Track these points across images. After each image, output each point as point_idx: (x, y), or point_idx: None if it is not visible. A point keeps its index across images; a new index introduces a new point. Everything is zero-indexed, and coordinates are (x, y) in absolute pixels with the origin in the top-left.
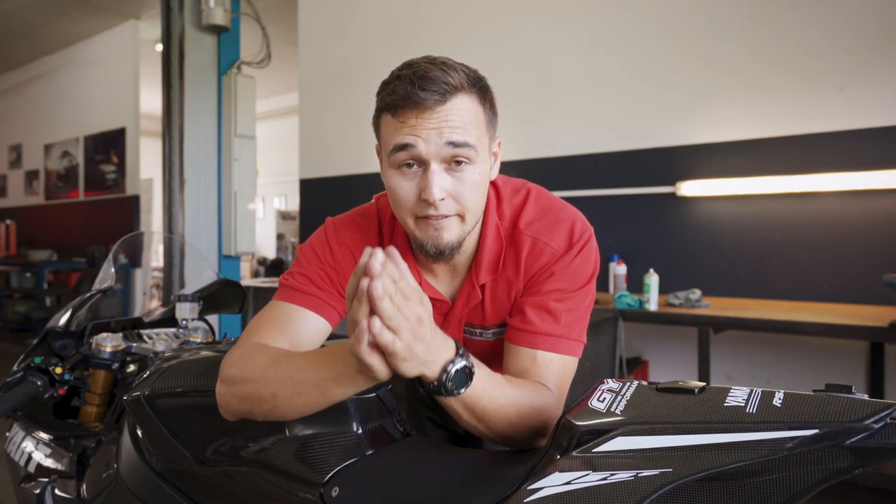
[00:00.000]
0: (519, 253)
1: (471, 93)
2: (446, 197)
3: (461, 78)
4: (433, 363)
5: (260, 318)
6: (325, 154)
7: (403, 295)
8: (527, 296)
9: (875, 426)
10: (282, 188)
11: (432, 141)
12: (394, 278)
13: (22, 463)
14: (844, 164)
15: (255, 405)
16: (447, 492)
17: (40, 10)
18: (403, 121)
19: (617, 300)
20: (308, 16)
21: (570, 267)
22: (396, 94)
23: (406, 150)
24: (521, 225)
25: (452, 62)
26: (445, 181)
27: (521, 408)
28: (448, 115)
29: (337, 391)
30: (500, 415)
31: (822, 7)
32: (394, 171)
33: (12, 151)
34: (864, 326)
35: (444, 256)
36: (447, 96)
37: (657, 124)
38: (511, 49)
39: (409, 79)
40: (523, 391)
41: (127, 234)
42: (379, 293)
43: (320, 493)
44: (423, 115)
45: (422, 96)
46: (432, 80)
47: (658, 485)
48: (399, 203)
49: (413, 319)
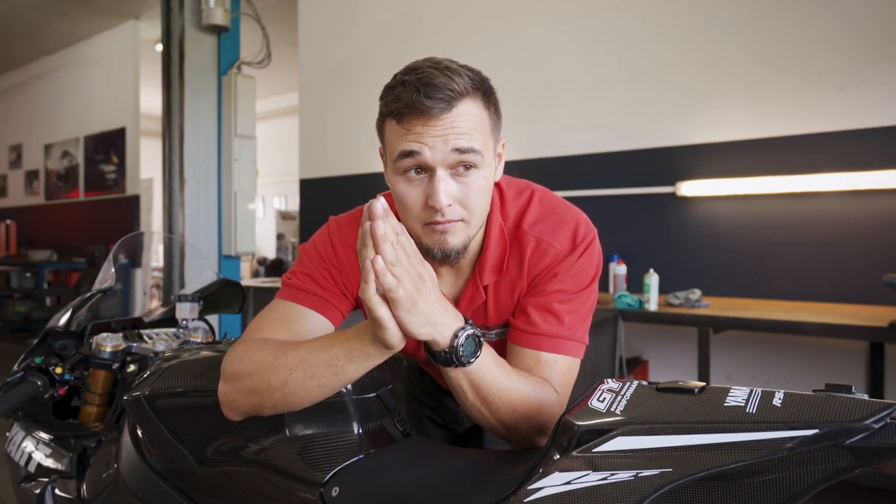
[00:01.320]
0: (523, 253)
1: (475, 97)
2: (453, 203)
3: (466, 83)
4: (443, 326)
5: (262, 317)
6: (325, 154)
7: (404, 248)
8: (530, 296)
9: (875, 426)
10: (282, 188)
11: (438, 148)
12: (396, 230)
13: (22, 463)
14: (844, 164)
15: (264, 396)
16: (447, 491)
17: (40, 10)
18: (409, 128)
19: (617, 300)
20: (308, 16)
21: (574, 268)
22: (401, 102)
23: (412, 157)
24: (524, 225)
25: (456, 65)
26: (451, 187)
27: (524, 396)
28: (454, 121)
29: (350, 368)
30: (504, 399)
31: (822, 7)
32: (399, 178)
33: (12, 151)
34: (864, 326)
35: (450, 260)
36: (453, 103)
37: (657, 124)
38: (511, 49)
39: (413, 86)
40: (528, 381)
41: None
42: (381, 233)
43: (320, 493)
44: (429, 122)
45: (427, 104)
46: (437, 88)
47: (658, 485)
48: (406, 209)
49: (414, 274)
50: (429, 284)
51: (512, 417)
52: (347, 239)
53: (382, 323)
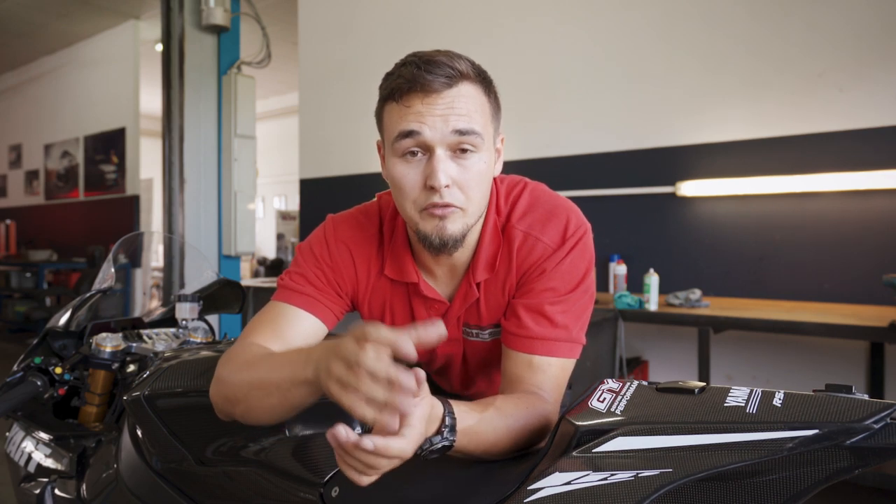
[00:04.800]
0: (511, 248)
1: (476, 82)
2: (451, 184)
3: (467, 66)
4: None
5: (256, 319)
6: (325, 154)
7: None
8: (520, 297)
9: (875, 426)
10: (282, 188)
11: (438, 128)
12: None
13: (22, 463)
14: (844, 164)
15: (234, 406)
16: (447, 492)
17: (40, 10)
18: (409, 105)
19: (617, 300)
20: (308, 16)
21: (563, 265)
22: (402, 78)
23: (411, 137)
24: (513, 219)
25: (457, 53)
26: (451, 168)
27: (513, 432)
28: (454, 101)
29: (296, 394)
30: (495, 449)
31: (822, 7)
32: (397, 160)
33: (12, 151)
34: (864, 326)
35: (447, 249)
36: (454, 80)
37: (657, 124)
38: (511, 49)
39: (415, 63)
40: (515, 415)
41: (127, 234)
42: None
43: (320, 493)
44: (429, 98)
45: (428, 79)
46: (438, 65)
47: (658, 485)
48: (403, 193)
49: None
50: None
51: (508, 452)
52: (343, 237)
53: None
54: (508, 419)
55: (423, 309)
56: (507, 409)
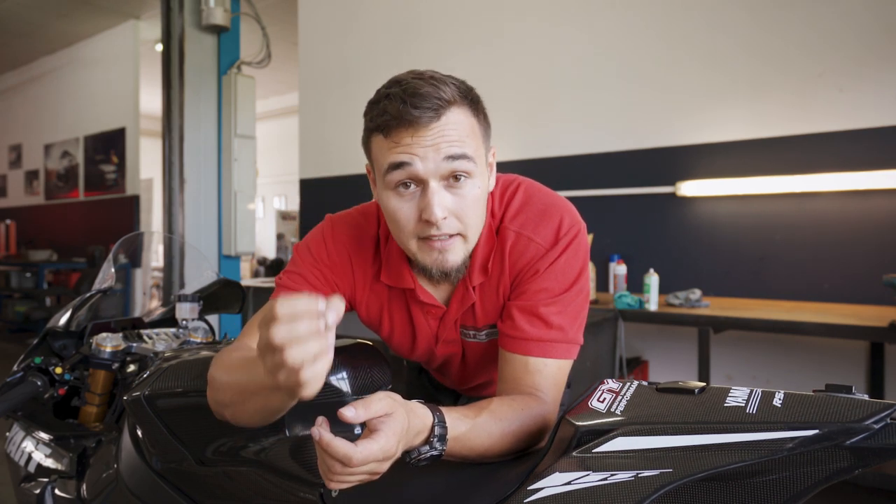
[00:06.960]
0: (503, 249)
1: (463, 105)
2: (448, 216)
3: (453, 91)
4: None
5: (252, 319)
6: (325, 154)
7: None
8: (515, 298)
9: (875, 426)
10: (282, 188)
11: (430, 158)
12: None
13: (22, 463)
14: (844, 164)
15: (223, 409)
16: (448, 492)
17: (40, 10)
18: (397, 141)
19: (617, 300)
20: (308, 16)
21: (556, 265)
22: (388, 115)
23: (402, 169)
24: (506, 219)
25: (441, 75)
26: (446, 199)
27: (508, 435)
28: (443, 129)
29: (274, 399)
30: (490, 452)
31: (822, 7)
32: (390, 193)
33: (12, 151)
34: (864, 326)
35: (449, 279)
36: (441, 111)
37: (657, 124)
38: (512, 49)
39: (399, 97)
40: (510, 418)
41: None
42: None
43: (320, 493)
44: (418, 133)
45: (415, 114)
46: (424, 97)
47: (658, 485)
48: (399, 226)
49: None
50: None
51: (505, 454)
52: (341, 238)
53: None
54: (503, 423)
55: (420, 313)
56: (502, 413)
